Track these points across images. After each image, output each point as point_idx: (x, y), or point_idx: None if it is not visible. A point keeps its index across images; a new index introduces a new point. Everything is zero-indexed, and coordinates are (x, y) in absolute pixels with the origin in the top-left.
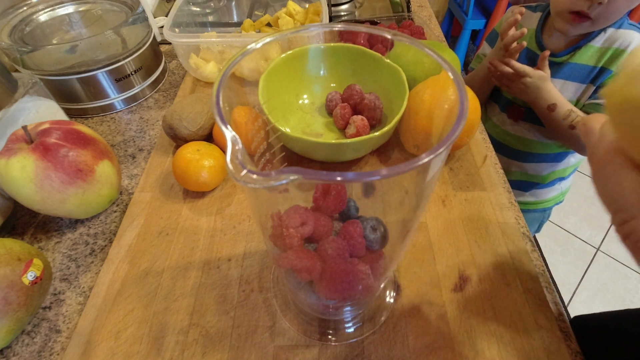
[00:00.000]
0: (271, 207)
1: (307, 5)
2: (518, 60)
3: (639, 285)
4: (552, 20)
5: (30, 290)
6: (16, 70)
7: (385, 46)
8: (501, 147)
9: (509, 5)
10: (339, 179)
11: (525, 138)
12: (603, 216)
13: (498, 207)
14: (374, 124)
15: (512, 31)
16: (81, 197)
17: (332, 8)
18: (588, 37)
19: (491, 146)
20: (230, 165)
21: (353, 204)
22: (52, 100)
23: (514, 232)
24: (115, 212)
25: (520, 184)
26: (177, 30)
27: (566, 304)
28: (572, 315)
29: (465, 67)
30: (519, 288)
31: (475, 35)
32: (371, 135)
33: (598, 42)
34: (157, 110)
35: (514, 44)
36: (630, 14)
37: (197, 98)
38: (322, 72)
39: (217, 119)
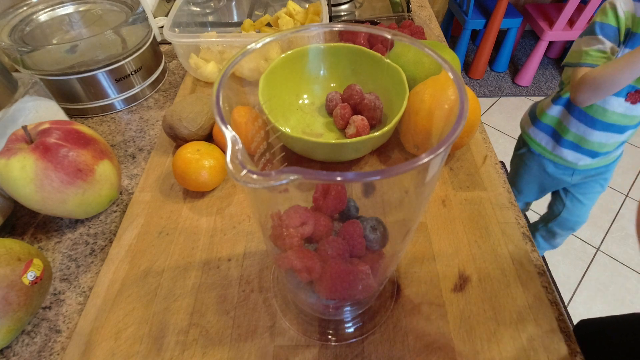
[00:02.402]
0: (271, 207)
1: (307, 5)
2: None
3: (638, 286)
4: None
5: (30, 290)
6: (16, 70)
7: (385, 46)
8: (600, 124)
9: (509, 5)
10: (339, 179)
11: (635, 116)
12: (603, 216)
13: (498, 207)
14: (374, 124)
15: None
16: (81, 197)
17: (332, 8)
18: None
19: (491, 146)
20: (230, 165)
21: (353, 204)
22: (52, 100)
23: (514, 232)
24: (115, 212)
25: (592, 152)
26: (177, 30)
27: (566, 304)
28: (572, 316)
29: (465, 67)
30: (519, 288)
31: (475, 35)
32: (371, 135)
33: None
34: (157, 110)
35: None
36: None
37: (197, 98)
38: (322, 72)
39: (217, 119)
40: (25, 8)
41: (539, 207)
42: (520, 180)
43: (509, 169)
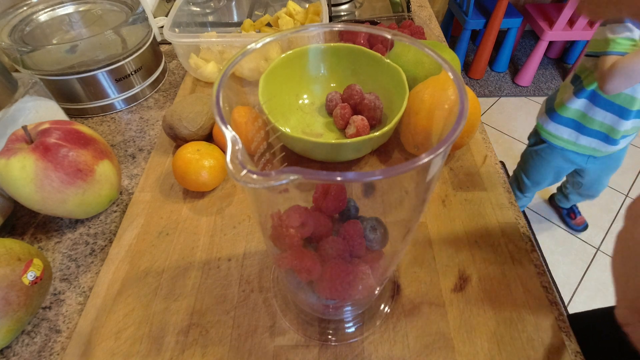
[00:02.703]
0: (271, 207)
1: (307, 5)
2: None
3: None
4: None
5: (30, 290)
6: (16, 70)
7: (385, 46)
8: (627, 112)
9: (509, 5)
10: (339, 179)
11: None
12: (603, 217)
13: (498, 207)
14: (374, 124)
15: None
16: (81, 197)
17: (332, 8)
18: None
19: (491, 146)
20: (230, 165)
21: (353, 204)
22: (52, 100)
23: (514, 232)
24: (115, 212)
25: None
26: (177, 30)
27: (566, 304)
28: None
29: (465, 67)
30: (519, 288)
31: (475, 35)
32: (371, 135)
33: None
34: (157, 110)
35: None
36: None
37: (197, 98)
38: (322, 72)
39: (217, 119)
40: (25, 8)
41: (539, 207)
42: (537, 174)
43: (508, 168)
